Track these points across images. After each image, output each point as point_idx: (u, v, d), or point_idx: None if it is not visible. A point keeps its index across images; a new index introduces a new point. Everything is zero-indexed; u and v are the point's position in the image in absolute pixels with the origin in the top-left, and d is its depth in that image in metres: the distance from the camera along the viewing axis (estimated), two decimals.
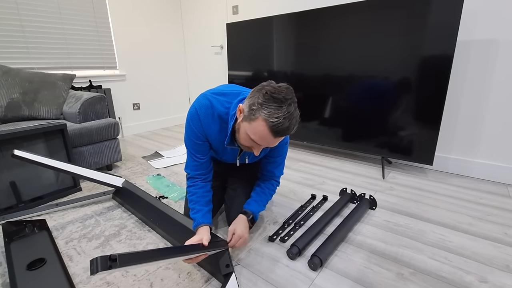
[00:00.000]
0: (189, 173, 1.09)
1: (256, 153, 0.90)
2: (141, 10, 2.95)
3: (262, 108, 0.79)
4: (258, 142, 0.85)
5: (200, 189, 1.06)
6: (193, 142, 1.03)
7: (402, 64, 1.70)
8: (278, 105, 0.79)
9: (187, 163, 1.09)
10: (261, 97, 0.80)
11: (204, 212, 1.02)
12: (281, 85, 0.83)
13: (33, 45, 2.24)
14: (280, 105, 0.79)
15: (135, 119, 3.11)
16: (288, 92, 0.81)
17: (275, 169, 1.18)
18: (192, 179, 1.08)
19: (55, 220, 1.33)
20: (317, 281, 0.93)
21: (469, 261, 1.03)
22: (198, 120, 0.98)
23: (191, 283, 0.93)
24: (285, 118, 0.79)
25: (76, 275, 0.97)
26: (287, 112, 0.79)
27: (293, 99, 0.82)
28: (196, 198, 1.05)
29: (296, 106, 0.83)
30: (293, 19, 2.12)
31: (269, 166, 1.18)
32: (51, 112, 1.89)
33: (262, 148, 0.90)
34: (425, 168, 1.97)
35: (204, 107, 0.98)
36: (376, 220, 1.31)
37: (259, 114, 0.80)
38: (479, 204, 1.45)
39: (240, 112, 0.88)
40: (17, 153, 1.17)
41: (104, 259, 0.58)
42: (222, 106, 0.97)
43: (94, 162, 1.82)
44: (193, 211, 1.03)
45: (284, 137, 0.86)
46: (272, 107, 0.78)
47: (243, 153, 1.10)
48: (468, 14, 1.63)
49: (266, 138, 0.83)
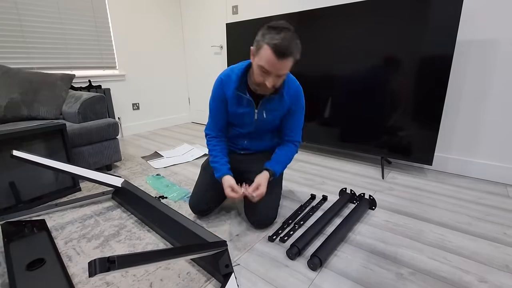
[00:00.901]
0: (209, 133, 1.28)
1: (269, 85, 1.01)
2: (140, 9, 2.95)
3: (264, 37, 0.96)
4: (266, 67, 0.97)
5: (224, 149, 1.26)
6: (215, 104, 1.22)
7: (401, 64, 1.70)
8: (277, 31, 0.94)
9: (208, 124, 1.29)
10: (263, 30, 0.98)
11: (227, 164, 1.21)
12: (280, 21, 0.99)
13: (33, 45, 2.23)
14: (279, 31, 0.94)
15: (134, 119, 3.11)
16: (286, 24, 0.96)
17: (292, 132, 1.28)
18: (214, 138, 1.27)
19: (55, 220, 1.32)
20: (316, 281, 0.93)
21: (468, 261, 1.03)
22: (221, 83, 1.18)
23: (190, 283, 0.93)
24: (284, 39, 0.92)
25: (76, 275, 0.97)
26: (286, 36, 0.93)
27: (291, 28, 0.96)
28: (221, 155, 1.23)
29: (296, 36, 0.97)
30: (293, 19, 2.12)
31: (286, 130, 1.28)
32: (51, 112, 1.89)
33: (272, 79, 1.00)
34: (425, 168, 1.97)
35: (226, 73, 1.19)
36: (375, 220, 1.31)
37: (262, 42, 0.96)
38: (478, 204, 1.45)
39: (252, 55, 1.04)
40: (16, 154, 1.17)
41: (102, 261, 0.58)
42: (239, 67, 1.16)
43: (93, 162, 1.82)
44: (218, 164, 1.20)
45: (288, 58, 0.96)
46: (273, 32, 0.94)
47: (260, 107, 1.18)
48: (467, 14, 1.63)
49: (272, 61, 0.95)
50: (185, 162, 2.14)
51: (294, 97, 1.20)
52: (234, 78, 1.15)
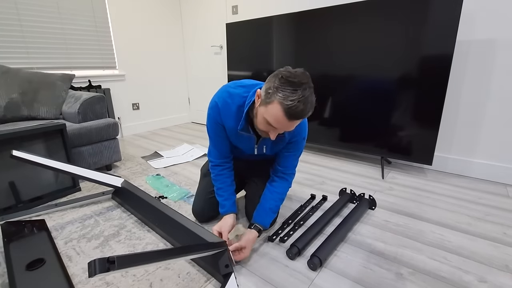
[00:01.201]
0: (213, 161, 1.19)
1: (272, 137, 0.94)
2: (140, 9, 2.95)
3: (278, 91, 0.82)
4: (274, 125, 0.88)
5: (228, 178, 1.19)
6: (214, 131, 1.12)
7: (401, 64, 1.70)
8: (293, 89, 0.81)
9: (210, 151, 1.21)
10: (277, 81, 0.83)
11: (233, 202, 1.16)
12: (297, 70, 0.85)
13: (32, 45, 2.23)
14: (295, 88, 0.81)
15: (134, 119, 3.11)
16: (303, 76, 0.83)
17: (289, 163, 1.19)
18: (218, 167, 1.19)
19: (54, 220, 1.32)
20: (316, 281, 0.93)
21: (468, 261, 1.03)
22: (218, 110, 1.06)
23: (190, 283, 0.93)
24: (300, 101, 0.81)
25: (76, 275, 0.97)
26: (301, 96, 0.81)
27: (309, 83, 0.84)
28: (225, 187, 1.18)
29: (312, 91, 0.85)
30: (292, 19, 2.12)
31: (284, 160, 1.18)
32: (50, 112, 1.89)
33: (277, 132, 0.94)
34: (425, 168, 1.97)
35: (223, 98, 1.04)
36: (375, 220, 1.31)
37: (274, 97, 0.83)
38: (478, 204, 1.45)
39: (258, 97, 0.92)
40: (16, 154, 1.17)
41: (102, 261, 0.58)
42: (240, 96, 1.02)
43: (93, 162, 1.82)
44: (222, 198, 1.16)
45: (300, 120, 0.88)
46: (288, 90, 0.81)
47: (260, 143, 1.12)
48: (467, 14, 1.63)
49: (281, 121, 0.85)
50: (185, 162, 2.14)
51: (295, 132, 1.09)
52: (234, 111, 1.03)
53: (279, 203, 1.19)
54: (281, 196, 1.19)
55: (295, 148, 1.16)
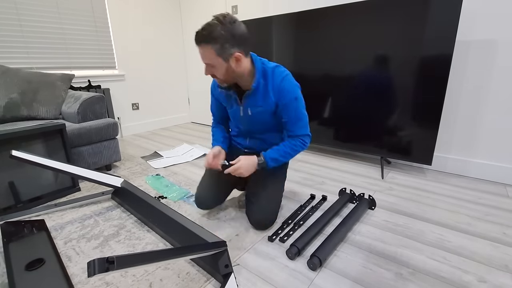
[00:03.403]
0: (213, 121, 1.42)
1: (205, 73, 1.08)
2: (140, 9, 2.95)
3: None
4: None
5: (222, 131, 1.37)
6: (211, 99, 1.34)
7: (401, 64, 1.70)
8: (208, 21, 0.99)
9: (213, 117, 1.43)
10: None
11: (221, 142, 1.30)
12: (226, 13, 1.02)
13: (32, 45, 2.23)
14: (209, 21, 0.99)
15: (134, 119, 3.11)
16: (221, 14, 0.98)
17: (293, 127, 1.19)
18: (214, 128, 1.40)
19: (54, 221, 1.32)
20: (316, 281, 0.93)
21: (468, 261, 1.03)
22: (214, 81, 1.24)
23: (190, 283, 0.93)
24: (203, 27, 0.97)
25: (75, 275, 0.97)
26: (207, 24, 0.97)
27: (222, 19, 0.97)
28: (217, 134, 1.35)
29: (220, 24, 0.96)
30: (292, 19, 2.12)
31: (287, 125, 1.20)
32: (50, 112, 1.89)
33: (205, 67, 1.06)
34: (424, 168, 1.97)
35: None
36: (375, 220, 1.31)
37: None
38: (478, 204, 1.45)
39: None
40: (15, 154, 1.17)
41: (101, 261, 0.58)
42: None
43: (93, 162, 1.82)
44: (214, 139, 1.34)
45: (199, 43, 1.00)
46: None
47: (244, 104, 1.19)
48: (466, 14, 1.63)
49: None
50: (184, 162, 2.14)
51: (278, 91, 1.12)
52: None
53: (289, 150, 1.18)
54: (294, 148, 1.19)
55: (291, 110, 1.16)
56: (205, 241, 1.00)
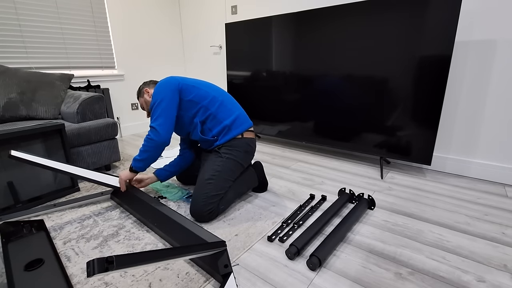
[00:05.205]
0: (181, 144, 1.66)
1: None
2: (139, 9, 2.95)
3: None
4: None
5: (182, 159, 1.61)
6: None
7: (400, 64, 1.71)
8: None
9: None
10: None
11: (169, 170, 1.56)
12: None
13: (31, 45, 2.23)
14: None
15: (133, 119, 3.10)
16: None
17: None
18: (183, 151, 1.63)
19: (53, 221, 1.32)
20: (316, 281, 0.94)
21: (467, 261, 1.03)
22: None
23: (189, 283, 0.93)
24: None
25: (74, 275, 0.96)
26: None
27: (143, 84, 1.51)
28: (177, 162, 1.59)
29: (142, 85, 1.51)
30: (292, 19, 2.12)
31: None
32: (49, 112, 1.89)
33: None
34: (423, 168, 1.97)
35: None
36: (374, 220, 1.31)
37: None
38: (477, 204, 1.45)
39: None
40: (14, 154, 1.17)
41: (101, 261, 0.58)
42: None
43: (92, 162, 1.82)
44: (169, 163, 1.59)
45: (138, 99, 1.52)
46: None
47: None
48: (466, 14, 1.63)
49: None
50: None
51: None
52: None
53: (142, 148, 1.33)
54: (143, 143, 1.33)
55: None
56: (205, 241, 1.00)
